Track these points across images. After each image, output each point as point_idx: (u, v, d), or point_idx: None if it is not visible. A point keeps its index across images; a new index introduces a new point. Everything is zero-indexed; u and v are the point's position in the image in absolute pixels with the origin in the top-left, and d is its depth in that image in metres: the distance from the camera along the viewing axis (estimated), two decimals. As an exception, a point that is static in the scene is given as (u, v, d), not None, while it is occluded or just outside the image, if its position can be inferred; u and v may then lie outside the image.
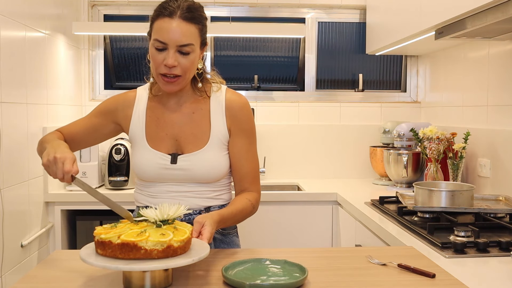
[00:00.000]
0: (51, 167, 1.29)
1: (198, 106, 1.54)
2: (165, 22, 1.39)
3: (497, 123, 2.33)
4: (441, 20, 2.04)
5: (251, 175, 1.56)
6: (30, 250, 2.39)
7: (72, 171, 1.27)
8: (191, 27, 1.41)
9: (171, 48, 1.40)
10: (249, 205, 1.52)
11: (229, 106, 1.54)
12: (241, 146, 1.54)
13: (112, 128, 1.60)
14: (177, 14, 1.39)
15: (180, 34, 1.39)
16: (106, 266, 1.04)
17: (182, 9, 1.40)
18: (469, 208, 1.84)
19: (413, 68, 3.34)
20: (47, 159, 1.29)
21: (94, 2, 3.18)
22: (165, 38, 1.39)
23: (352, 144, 3.23)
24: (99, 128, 1.59)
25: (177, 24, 1.39)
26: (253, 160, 1.57)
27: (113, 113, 1.58)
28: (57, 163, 1.28)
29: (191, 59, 1.43)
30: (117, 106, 1.58)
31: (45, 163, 1.30)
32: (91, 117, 1.60)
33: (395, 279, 1.19)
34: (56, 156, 1.28)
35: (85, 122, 1.60)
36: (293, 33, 2.98)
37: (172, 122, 1.53)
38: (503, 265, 1.35)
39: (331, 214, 2.64)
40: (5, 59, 2.11)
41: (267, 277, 1.16)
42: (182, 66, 1.42)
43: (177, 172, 1.50)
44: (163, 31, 1.39)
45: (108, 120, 1.59)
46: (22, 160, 2.29)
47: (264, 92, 3.31)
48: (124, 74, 3.32)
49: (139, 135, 1.54)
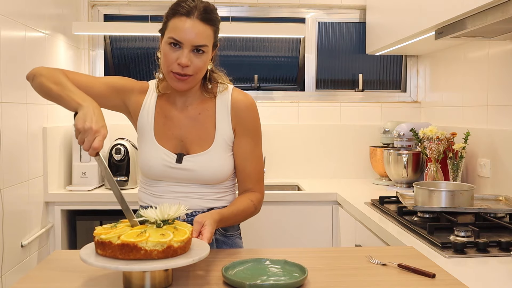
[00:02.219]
0: (83, 134, 1.22)
1: (204, 107, 1.54)
2: (182, 21, 1.39)
3: (497, 123, 2.33)
4: (441, 20, 2.04)
5: (255, 175, 1.56)
6: (30, 250, 2.39)
7: (100, 149, 1.22)
8: (207, 28, 1.41)
9: (186, 47, 1.39)
10: (251, 205, 1.52)
11: (235, 106, 1.53)
12: (245, 147, 1.54)
13: (116, 105, 1.55)
14: (195, 15, 1.39)
15: (196, 34, 1.39)
16: (106, 266, 1.04)
17: (199, 9, 1.40)
18: (469, 208, 1.84)
19: (413, 68, 3.34)
20: (83, 126, 1.22)
21: (94, 2, 3.18)
22: (181, 37, 1.39)
23: (352, 144, 3.23)
24: (106, 98, 1.52)
25: (194, 24, 1.39)
26: (257, 160, 1.56)
27: (127, 93, 1.55)
28: (91, 135, 1.21)
29: (204, 60, 1.43)
30: (133, 89, 1.56)
31: (79, 128, 1.22)
32: (103, 84, 1.52)
33: (395, 279, 1.19)
34: (92, 127, 1.21)
35: (96, 85, 1.50)
36: (293, 33, 2.98)
37: (179, 123, 1.53)
38: (503, 265, 1.35)
39: (331, 214, 2.64)
40: (5, 59, 2.11)
41: (267, 277, 1.16)
42: (194, 66, 1.42)
43: (182, 172, 1.50)
44: (179, 29, 1.39)
45: (118, 97, 1.54)
46: (22, 160, 2.29)
47: (264, 92, 3.31)
48: (124, 74, 3.32)
49: (147, 129, 1.53)
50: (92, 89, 1.48)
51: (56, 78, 1.38)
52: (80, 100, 1.30)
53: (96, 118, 1.24)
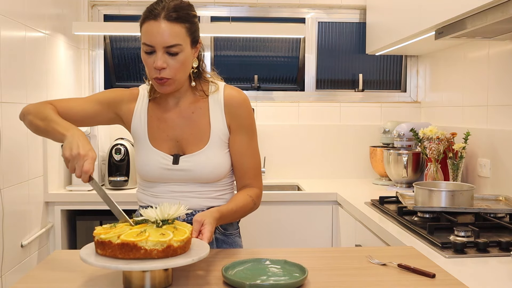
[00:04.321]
0: (72, 162, 1.25)
1: (197, 106, 1.54)
2: (151, 25, 1.39)
3: (497, 123, 2.33)
4: (441, 20, 2.04)
5: (252, 171, 1.56)
6: (30, 250, 2.39)
7: (91, 171, 1.26)
8: (176, 27, 1.40)
9: (159, 50, 1.40)
10: (250, 201, 1.52)
11: (228, 103, 1.53)
12: (241, 143, 1.54)
13: (111, 118, 1.58)
14: (162, 16, 1.39)
15: (165, 35, 1.38)
16: (106, 266, 1.04)
17: (167, 9, 1.39)
18: (469, 208, 1.84)
19: (413, 68, 3.34)
20: (70, 154, 1.25)
21: (94, 2, 3.18)
22: (151, 40, 1.39)
23: (352, 144, 3.23)
24: (99, 115, 1.56)
25: (162, 25, 1.38)
26: (254, 156, 1.56)
27: (117, 104, 1.56)
28: (80, 160, 1.24)
29: (180, 60, 1.42)
30: (123, 99, 1.57)
31: (67, 157, 1.26)
32: (92, 102, 1.55)
33: (395, 279, 1.19)
34: (80, 153, 1.25)
35: (86, 106, 1.54)
36: (293, 33, 2.98)
37: (173, 124, 1.53)
38: (503, 265, 1.35)
39: (331, 214, 2.64)
40: (5, 59, 2.11)
41: (267, 277, 1.16)
42: (171, 67, 1.41)
43: (179, 172, 1.50)
44: (149, 34, 1.40)
45: (110, 111, 1.56)
46: (22, 160, 2.29)
47: (264, 92, 3.31)
48: (124, 74, 3.32)
49: (141, 134, 1.54)
50: (84, 111, 1.52)
51: (42, 113, 1.43)
52: (64, 130, 1.34)
53: (82, 143, 1.28)
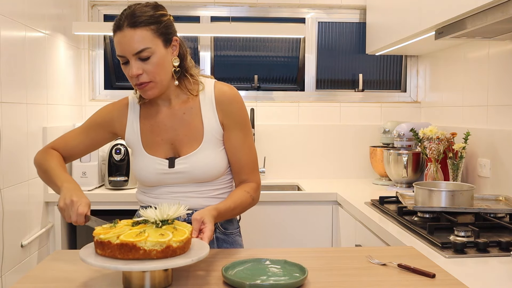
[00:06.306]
0: (67, 210, 1.32)
1: (187, 106, 1.53)
2: (118, 36, 1.42)
3: (497, 123, 2.33)
4: (441, 20, 2.04)
5: (249, 166, 1.55)
6: (30, 250, 2.39)
7: (85, 212, 1.31)
8: (140, 32, 1.40)
9: (130, 58, 1.41)
10: (248, 196, 1.52)
11: (219, 100, 1.52)
12: (236, 139, 1.53)
13: (109, 137, 1.63)
14: (125, 25, 1.40)
15: (131, 42, 1.39)
16: (106, 266, 1.04)
17: (129, 17, 1.40)
18: (469, 208, 1.83)
19: (413, 68, 3.33)
20: (64, 203, 1.32)
21: (94, 2, 3.18)
22: (120, 51, 1.42)
23: (352, 144, 3.23)
24: (97, 140, 1.62)
25: (126, 34, 1.40)
26: (250, 151, 1.56)
27: (109, 123, 1.60)
28: (74, 206, 1.31)
29: (154, 63, 1.42)
30: (113, 116, 1.59)
31: (61, 207, 1.33)
32: (88, 130, 1.61)
33: (395, 279, 1.19)
34: (73, 199, 1.31)
35: (83, 137, 1.60)
36: (293, 33, 2.98)
37: (166, 127, 1.53)
38: (503, 265, 1.35)
39: (331, 214, 2.64)
40: (5, 59, 2.11)
41: (267, 277, 1.16)
42: (147, 72, 1.42)
43: (177, 175, 1.50)
44: (118, 45, 1.42)
45: (105, 131, 1.61)
46: (22, 160, 2.29)
47: (264, 92, 3.31)
48: (124, 74, 3.31)
49: (135, 143, 1.55)
50: (83, 144, 1.60)
51: (44, 166, 1.52)
52: (59, 182, 1.42)
53: (76, 193, 1.35)
